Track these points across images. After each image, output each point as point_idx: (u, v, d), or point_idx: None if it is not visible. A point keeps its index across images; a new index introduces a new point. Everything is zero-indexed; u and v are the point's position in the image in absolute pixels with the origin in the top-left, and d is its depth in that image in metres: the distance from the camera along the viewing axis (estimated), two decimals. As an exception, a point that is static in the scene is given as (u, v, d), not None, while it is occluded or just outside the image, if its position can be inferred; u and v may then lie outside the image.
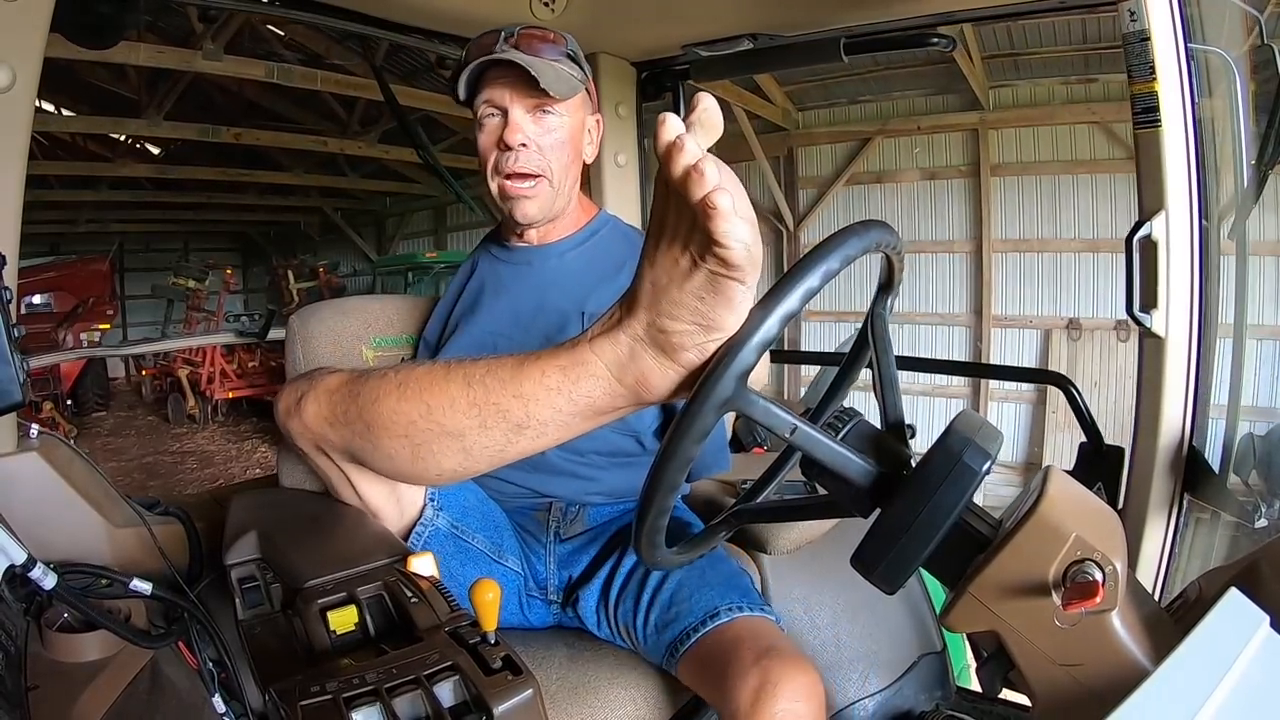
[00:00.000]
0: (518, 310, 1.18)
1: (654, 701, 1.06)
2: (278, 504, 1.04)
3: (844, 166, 7.32)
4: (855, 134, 7.22)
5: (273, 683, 0.66)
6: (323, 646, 0.74)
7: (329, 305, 1.30)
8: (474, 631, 0.70)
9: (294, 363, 1.23)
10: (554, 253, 1.20)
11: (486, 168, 1.13)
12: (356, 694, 0.63)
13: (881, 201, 7.17)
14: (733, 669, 0.91)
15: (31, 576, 0.76)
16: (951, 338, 6.94)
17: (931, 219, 6.92)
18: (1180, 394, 1.18)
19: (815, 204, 7.53)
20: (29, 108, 1.02)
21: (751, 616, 1.02)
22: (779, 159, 7.58)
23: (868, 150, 7.14)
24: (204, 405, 9.20)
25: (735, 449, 1.90)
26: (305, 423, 0.90)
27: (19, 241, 1.05)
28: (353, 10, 1.49)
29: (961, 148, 6.71)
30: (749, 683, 0.89)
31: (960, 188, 6.76)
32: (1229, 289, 1.42)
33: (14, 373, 0.86)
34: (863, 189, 7.30)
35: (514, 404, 0.70)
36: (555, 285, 1.18)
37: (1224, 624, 0.53)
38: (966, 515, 0.66)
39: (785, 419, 0.60)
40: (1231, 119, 1.48)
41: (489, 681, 0.64)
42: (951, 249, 6.87)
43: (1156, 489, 1.20)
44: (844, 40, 1.56)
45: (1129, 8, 1.10)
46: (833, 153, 7.44)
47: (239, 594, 0.88)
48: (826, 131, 7.42)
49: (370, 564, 0.84)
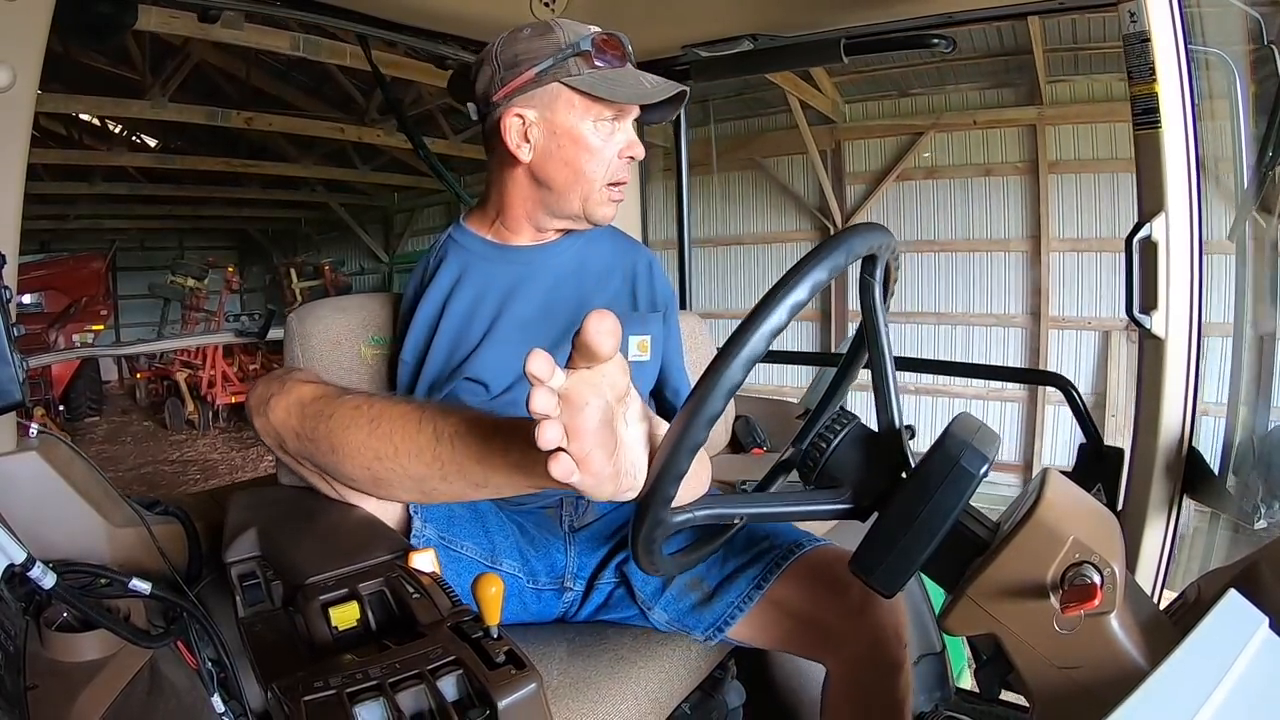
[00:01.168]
0: (524, 312, 1.14)
1: (657, 694, 1.07)
2: (277, 501, 1.04)
3: (894, 161, 6.91)
4: (907, 128, 6.83)
5: (275, 679, 0.66)
6: (325, 642, 0.74)
7: (327, 303, 1.29)
8: (476, 626, 0.70)
9: (292, 360, 1.22)
10: (556, 251, 1.18)
11: (596, 173, 1.10)
12: (360, 689, 0.63)
13: (934, 198, 6.82)
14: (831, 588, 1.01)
15: (31, 576, 0.76)
16: (1007, 340, 6.63)
17: (986, 217, 6.64)
18: (1179, 395, 1.18)
19: (864, 200, 7.12)
20: (29, 108, 1.02)
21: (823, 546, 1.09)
22: (826, 153, 7.21)
23: (919, 145, 6.77)
24: (204, 410, 8.75)
25: (734, 449, 1.90)
26: (272, 424, 0.90)
27: (19, 241, 1.05)
28: (352, 10, 1.49)
29: (1018, 143, 6.40)
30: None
31: (1016, 185, 6.47)
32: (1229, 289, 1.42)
33: (14, 372, 0.86)
34: (914, 185, 6.92)
35: (475, 469, 0.77)
36: (562, 284, 1.16)
37: (1223, 626, 0.53)
38: (964, 518, 0.66)
39: (730, 513, 0.71)
40: (1232, 120, 1.48)
41: (492, 676, 0.64)
42: (1007, 248, 6.57)
43: (1156, 490, 1.20)
44: (844, 41, 1.56)
45: (1129, 9, 1.10)
46: (881, 147, 7.04)
47: (239, 591, 0.87)
48: (876, 125, 7.01)
49: (371, 560, 0.84)
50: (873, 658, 0.99)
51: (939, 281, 6.81)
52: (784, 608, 1.05)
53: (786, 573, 1.05)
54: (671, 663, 1.10)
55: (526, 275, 1.16)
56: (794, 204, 7.57)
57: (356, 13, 1.50)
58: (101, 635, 0.82)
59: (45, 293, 9.24)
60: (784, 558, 1.06)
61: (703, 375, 0.60)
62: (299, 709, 0.61)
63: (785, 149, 7.28)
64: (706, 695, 1.19)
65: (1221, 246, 1.62)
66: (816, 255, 0.62)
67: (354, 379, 1.23)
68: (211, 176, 9.49)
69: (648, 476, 0.64)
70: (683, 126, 2.06)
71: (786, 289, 0.59)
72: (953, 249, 6.75)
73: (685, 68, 1.86)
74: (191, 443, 8.37)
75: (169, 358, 9.12)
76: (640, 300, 1.22)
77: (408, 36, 1.61)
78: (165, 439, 8.65)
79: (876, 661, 0.99)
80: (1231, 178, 1.57)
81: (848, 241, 0.64)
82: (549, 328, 1.14)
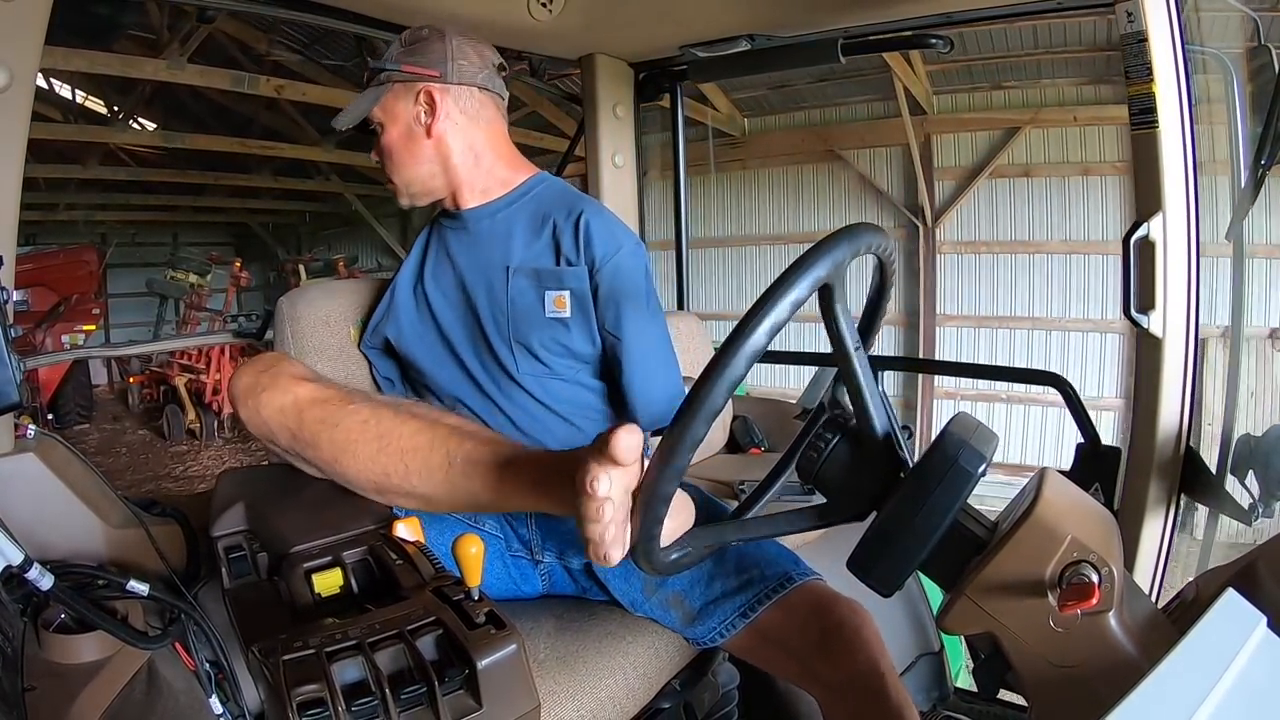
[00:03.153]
0: (459, 273, 1.22)
1: (645, 670, 1.07)
2: (265, 478, 1.04)
3: (987, 157, 6.49)
4: (1001, 122, 6.40)
5: (255, 642, 0.66)
6: (307, 607, 0.75)
7: (317, 287, 1.35)
8: (458, 589, 0.71)
9: (283, 344, 1.26)
10: (485, 214, 1.22)
11: None
12: (339, 648, 0.64)
13: (1028, 197, 6.42)
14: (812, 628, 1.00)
15: (28, 577, 0.76)
16: (1105, 345, 6.25)
17: (1084, 218, 6.26)
18: (1177, 395, 1.19)
19: (954, 197, 6.67)
20: (27, 109, 1.02)
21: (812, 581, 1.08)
22: (906, 146, 6.74)
23: (1014, 141, 6.35)
24: (208, 419, 7.92)
25: (732, 450, 1.90)
26: (262, 418, 0.91)
27: (15, 243, 1.05)
28: (348, 10, 1.49)
29: (1117, 142, 6.05)
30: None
31: (1116, 185, 6.11)
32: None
33: (10, 374, 0.86)
34: (1007, 182, 6.48)
35: (484, 493, 0.83)
36: (486, 244, 1.21)
37: (1221, 624, 0.53)
38: (962, 517, 0.66)
39: (723, 539, 0.76)
40: (1230, 120, 1.49)
41: (472, 635, 0.65)
42: (1106, 250, 6.14)
43: (1153, 490, 1.20)
44: (842, 41, 1.56)
45: (1126, 9, 1.10)
46: (972, 141, 6.58)
47: (225, 564, 0.88)
48: (969, 118, 6.54)
49: (356, 529, 0.85)
50: (852, 690, 0.96)
51: (1033, 285, 6.45)
52: (769, 637, 1.04)
53: (774, 606, 1.03)
54: (662, 640, 1.10)
55: (463, 237, 1.24)
56: (875, 199, 7.03)
57: (354, 13, 1.50)
58: (99, 637, 0.82)
59: (32, 289, 8.33)
60: (774, 591, 1.04)
61: (693, 386, 0.60)
62: (278, 668, 0.61)
63: (870, 140, 6.79)
64: (697, 673, 1.19)
65: (1219, 248, 1.62)
66: (797, 269, 0.61)
67: (343, 360, 1.27)
68: (220, 159, 8.67)
69: (643, 480, 0.66)
70: (681, 124, 2.06)
71: (771, 301, 0.60)
72: (1048, 250, 6.39)
73: (683, 68, 1.86)
74: (195, 455, 7.60)
75: (166, 360, 8.37)
76: (564, 255, 1.18)
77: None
78: (165, 450, 7.84)
79: (857, 693, 0.96)
80: (1229, 178, 1.58)
81: (833, 249, 0.63)
82: (475, 280, 1.20)
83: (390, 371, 1.29)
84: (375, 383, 1.29)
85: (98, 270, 9.53)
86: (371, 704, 0.61)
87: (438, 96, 1.16)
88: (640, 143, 1.99)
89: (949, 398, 6.64)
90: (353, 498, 0.93)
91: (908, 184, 6.78)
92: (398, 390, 1.28)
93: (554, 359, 1.16)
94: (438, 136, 1.17)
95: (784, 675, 1.11)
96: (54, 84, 7.18)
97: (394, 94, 1.17)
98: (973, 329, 6.63)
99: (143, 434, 8.54)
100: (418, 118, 1.17)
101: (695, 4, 1.55)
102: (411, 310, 1.23)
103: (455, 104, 1.17)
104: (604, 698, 1.00)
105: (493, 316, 1.17)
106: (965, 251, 6.66)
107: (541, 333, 1.15)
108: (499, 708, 0.65)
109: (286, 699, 0.59)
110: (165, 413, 8.27)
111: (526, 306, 1.16)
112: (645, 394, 1.17)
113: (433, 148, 1.18)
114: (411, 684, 0.63)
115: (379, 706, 0.61)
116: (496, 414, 1.17)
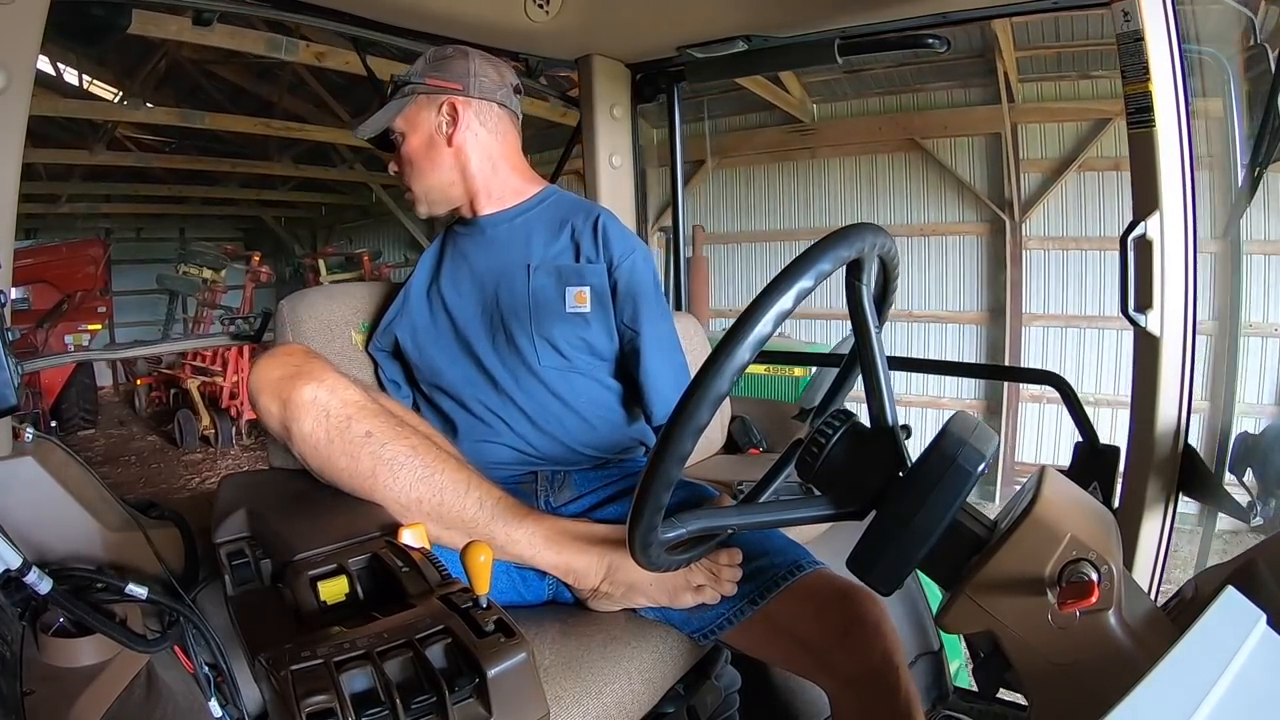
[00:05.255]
0: (477, 273, 1.27)
1: (649, 675, 1.06)
2: (267, 483, 1.04)
3: (1075, 150, 6.02)
4: (1091, 113, 5.91)
5: (262, 651, 0.66)
6: (312, 615, 0.74)
7: (317, 291, 1.35)
8: (466, 596, 0.71)
9: None
10: (502, 219, 1.27)
11: None
12: (347, 658, 0.63)
13: (1118, 191, 5.88)
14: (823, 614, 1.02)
15: (27, 581, 0.76)
16: (1199, 348, 5.90)
17: None
18: (1175, 393, 1.19)
19: (1042, 191, 6.18)
20: (23, 111, 1.01)
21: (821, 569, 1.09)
22: (997, 135, 6.28)
23: (1103, 133, 5.86)
24: (223, 425, 7.31)
25: (730, 450, 1.90)
26: (293, 414, 0.92)
27: (13, 243, 1.04)
28: (345, 12, 1.49)
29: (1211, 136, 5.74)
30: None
31: (1205, 179, 5.64)
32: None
33: (8, 376, 0.86)
34: (1096, 176, 6.01)
35: (501, 535, 0.99)
36: (505, 246, 1.27)
37: (1221, 622, 0.53)
38: (962, 516, 0.66)
39: (724, 522, 0.77)
40: (1226, 119, 1.49)
41: (481, 644, 0.65)
42: (1200, 249, 5.91)
43: (1152, 488, 1.20)
44: (839, 41, 1.56)
45: (1122, 8, 1.11)
46: (1059, 133, 6.12)
47: (228, 570, 0.87)
48: (1058, 108, 6.08)
49: (361, 536, 0.84)
50: (866, 682, 0.97)
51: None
52: (778, 627, 1.04)
53: (783, 594, 1.04)
54: (665, 644, 1.10)
55: (481, 241, 1.29)
56: (956, 191, 6.55)
57: (350, 15, 1.50)
58: (98, 640, 0.82)
59: (33, 285, 7.73)
60: (783, 578, 1.05)
61: (694, 378, 0.61)
62: (286, 678, 0.61)
63: (953, 129, 6.35)
64: (701, 677, 1.19)
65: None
66: (799, 265, 0.62)
67: (343, 364, 1.26)
68: (237, 144, 8.07)
69: (640, 482, 0.67)
70: (678, 124, 2.05)
71: (771, 296, 0.60)
72: (1140, 249, 6.08)
73: (679, 69, 1.86)
74: (210, 464, 6.95)
75: (176, 362, 7.86)
76: (583, 254, 1.26)
77: (401, 39, 1.61)
78: (177, 459, 7.16)
79: (871, 685, 0.96)
80: (1225, 176, 1.58)
81: (833, 249, 0.64)
82: (495, 278, 1.25)
83: (397, 374, 1.30)
84: (380, 386, 1.30)
85: (104, 265, 9.00)
86: (382, 714, 0.61)
87: (460, 108, 1.23)
88: (637, 144, 1.99)
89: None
90: (356, 504, 0.93)
91: (992, 176, 6.35)
92: (404, 393, 1.29)
93: (575, 353, 1.22)
94: (458, 146, 1.23)
95: (792, 667, 1.10)
96: (61, 68, 6.57)
97: (418, 105, 1.24)
98: (1059, 328, 6.21)
99: (152, 440, 7.91)
100: (440, 128, 1.23)
101: (692, 5, 1.56)
102: (425, 311, 1.27)
103: (476, 116, 1.24)
104: (609, 702, 1.00)
105: (514, 310, 1.22)
106: (1053, 248, 6.22)
107: (563, 327, 1.21)
108: (509, 716, 0.64)
109: (296, 710, 0.59)
110: (177, 417, 7.63)
111: (548, 301, 1.21)
112: (660, 386, 1.24)
113: (453, 156, 1.24)
114: (421, 693, 0.63)
115: (389, 717, 0.61)
116: (512, 408, 1.20)
